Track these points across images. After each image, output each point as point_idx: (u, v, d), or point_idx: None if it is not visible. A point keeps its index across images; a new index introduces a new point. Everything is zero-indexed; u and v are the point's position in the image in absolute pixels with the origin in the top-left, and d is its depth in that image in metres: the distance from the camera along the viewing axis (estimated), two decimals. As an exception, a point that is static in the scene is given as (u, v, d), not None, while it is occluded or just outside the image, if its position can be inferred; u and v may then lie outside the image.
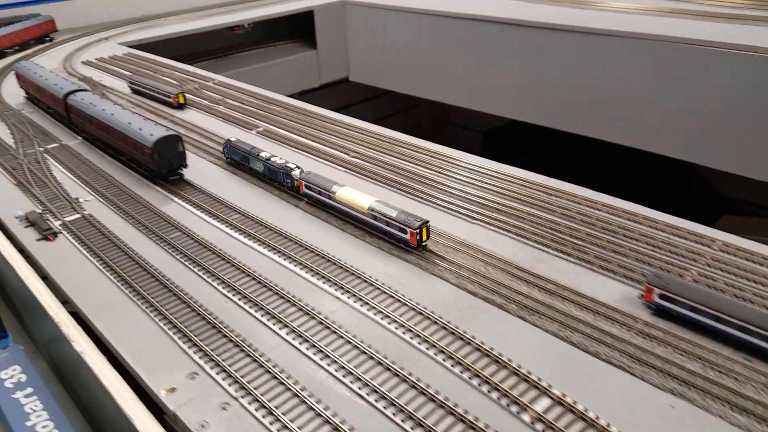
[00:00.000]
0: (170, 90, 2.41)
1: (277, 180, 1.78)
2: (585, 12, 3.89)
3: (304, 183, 1.72)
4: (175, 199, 1.65)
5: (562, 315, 1.61)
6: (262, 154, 1.81)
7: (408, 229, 1.57)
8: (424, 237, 1.52)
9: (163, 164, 1.74)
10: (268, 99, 2.44)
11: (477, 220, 1.75)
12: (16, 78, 2.53)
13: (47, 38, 3.72)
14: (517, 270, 1.62)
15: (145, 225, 1.51)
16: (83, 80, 2.77)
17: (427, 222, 1.49)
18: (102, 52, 3.35)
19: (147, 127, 1.77)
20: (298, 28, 4.83)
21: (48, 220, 1.58)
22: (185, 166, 1.77)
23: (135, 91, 2.58)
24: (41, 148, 2.05)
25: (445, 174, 1.94)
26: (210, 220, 1.52)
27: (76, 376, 1.32)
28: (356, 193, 1.71)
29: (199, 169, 1.84)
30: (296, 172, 1.77)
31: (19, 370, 1.47)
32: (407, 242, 1.53)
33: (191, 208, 1.61)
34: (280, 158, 1.77)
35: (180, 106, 2.41)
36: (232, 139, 1.94)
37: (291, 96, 4.93)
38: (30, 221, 1.61)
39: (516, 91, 4.23)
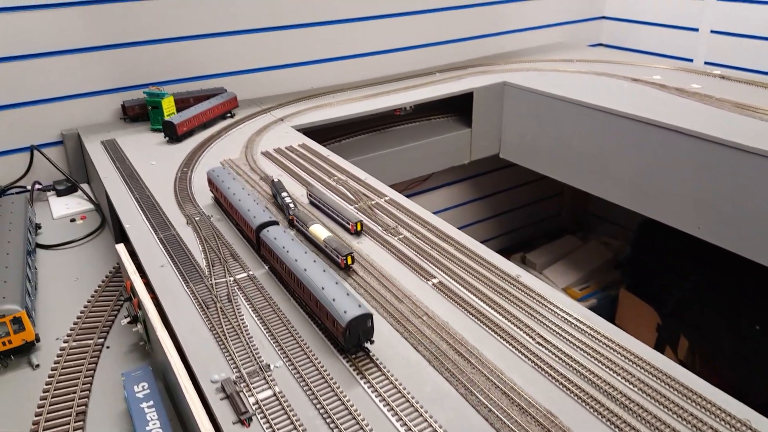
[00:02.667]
0: (349, 216, 2.45)
1: (283, 211, 2.45)
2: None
3: (294, 218, 2.37)
4: (361, 382, 1.62)
5: None
6: (282, 194, 2.49)
7: (339, 256, 2.07)
8: (349, 261, 2.07)
9: (352, 340, 1.74)
10: (443, 235, 2.38)
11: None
12: (208, 183, 2.70)
13: (229, 114, 3.98)
14: None
15: (334, 420, 1.50)
16: (264, 179, 2.89)
17: (352, 252, 2.08)
18: (278, 138, 3.49)
19: (340, 298, 1.77)
20: (452, 104, 4.83)
21: (241, 393, 1.62)
22: (372, 342, 1.76)
23: (312, 204, 2.66)
24: (231, 278, 2.15)
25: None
26: (399, 427, 1.48)
27: None
28: (321, 229, 2.23)
29: (382, 335, 1.81)
30: (291, 210, 2.40)
31: None
32: (339, 264, 2.09)
33: (377, 402, 1.55)
34: (289, 198, 2.46)
35: (357, 233, 2.44)
36: (275, 179, 2.65)
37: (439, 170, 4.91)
38: (226, 393, 1.66)
39: (688, 203, 3.89)
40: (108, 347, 2.31)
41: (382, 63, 4.84)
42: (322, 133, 3.99)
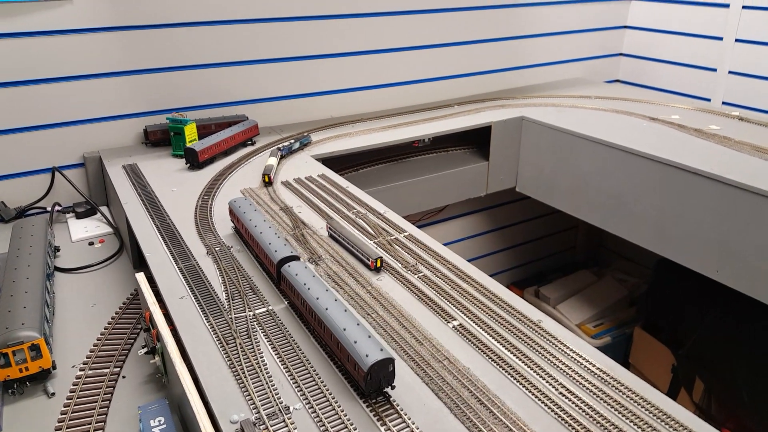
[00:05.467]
0: (369, 252, 2.44)
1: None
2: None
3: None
4: (381, 429, 1.59)
5: None
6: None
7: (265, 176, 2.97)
8: (266, 180, 2.96)
9: (373, 385, 1.73)
10: (463, 274, 2.37)
11: None
12: (230, 213, 2.71)
13: (250, 142, 4.01)
14: None
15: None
16: (284, 210, 2.90)
17: (270, 173, 2.95)
18: (298, 167, 3.51)
19: (362, 340, 1.76)
20: (470, 137, 4.85)
21: (261, 436, 1.60)
22: (393, 387, 1.75)
23: (332, 237, 2.65)
24: (251, 312, 2.14)
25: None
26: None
27: None
28: (272, 159, 3.05)
29: (402, 379, 1.79)
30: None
31: None
32: (264, 180, 2.99)
33: (398, 453, 1.56)
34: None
35: (377, 269, 2.43)
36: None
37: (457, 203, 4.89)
38: (246, 437, 1.65)
39: (707, 245, 3.84)
40: (124, 377, 2.30)
41: (401, 94, 4.88)
42: (339, 161, 4.01)
